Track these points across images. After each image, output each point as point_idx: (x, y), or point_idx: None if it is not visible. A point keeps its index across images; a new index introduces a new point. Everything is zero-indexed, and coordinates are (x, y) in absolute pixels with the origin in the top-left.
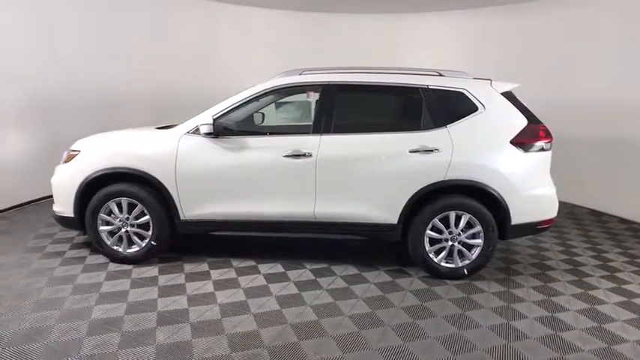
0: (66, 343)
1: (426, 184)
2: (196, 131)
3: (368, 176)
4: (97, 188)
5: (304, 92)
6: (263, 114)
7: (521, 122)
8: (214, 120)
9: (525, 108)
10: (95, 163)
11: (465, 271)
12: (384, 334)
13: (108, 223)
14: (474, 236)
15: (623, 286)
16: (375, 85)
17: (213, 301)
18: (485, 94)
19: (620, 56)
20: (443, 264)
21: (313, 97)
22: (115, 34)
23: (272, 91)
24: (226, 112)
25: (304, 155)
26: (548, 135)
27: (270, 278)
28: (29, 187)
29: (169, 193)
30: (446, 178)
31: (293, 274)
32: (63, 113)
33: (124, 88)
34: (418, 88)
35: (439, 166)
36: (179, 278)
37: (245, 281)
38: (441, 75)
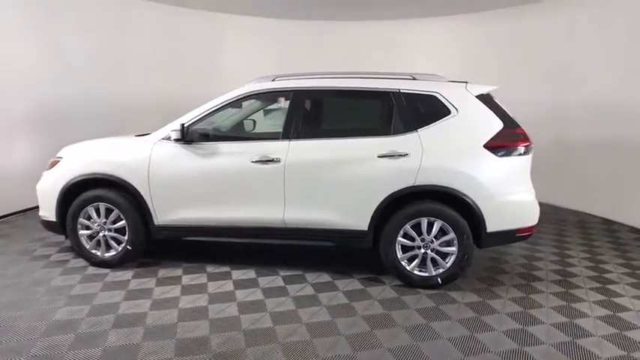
0: (21, 343)
1: (395, 190)
2: (169, 138)
3: (336, 182)
4: (77, 194)
5: (277, 98)
6: (254, 120)
7: (497, 126)
8: (184, 126)
9: (503, 111)
10: (75, 169)
11: (439, 280)
12: (336, 342)
13: (87, 228)
14: (448, 244)
15: (613, 299)
16: (345, 90)
17: (175, 305)
18: (459, 97)
19: (630, 57)
20: (416, 272)
21: (284, 103)
22: (125, 47)
23: (244, 97)
24: (199, 119)
25: (272, 161)
26: (525, 139)
27: (240, 284)
28: (34, 194)
29: (143, 198)
30: (416, 184)
31: (264, 280)
32: (72, 122)
33: (133, 97)
34: (389, 92)
35: (408, 171)
36: (150, 282)
37: (213, 287)
38: (414, 79)
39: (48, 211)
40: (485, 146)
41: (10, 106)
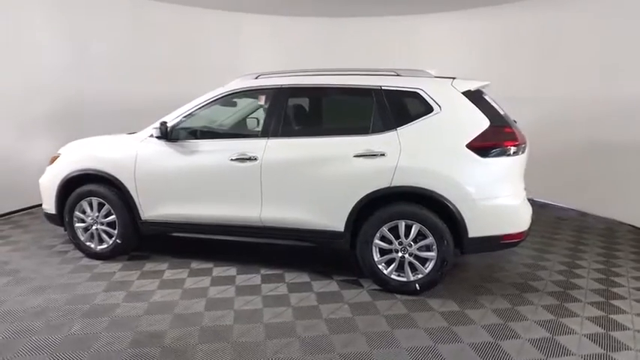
0: None
1: (371, 191)
2: (152, 136)
3: (312, 181)
4: (73, 188)
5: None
6: (257, 119)
7: (483, 124)
8: (163, 124)
9: (493, 108)
10: (70, 165)
11: (417, 286)
12: (289, 344)
13: (82, 221)
14: (427, 248)
15: (612, 316)
16: (326, 87)
17: (147, 299)
18: (443, 93)
19: None
20: (393, 277)
21: (266, 101)
22: (142, 47)
23: (226, 95)
24: (182, 117)
25: (250, 159)
26: (514, 138)
27: (217, 281)
28: None
29: (130, 194)
30: (392, 185)
31: (241, 278)
32: (91, 120)
33: (149, 97)
34: (370, 89)
35: (384, 171)
36: (133, 275)
37: (191, 282)
38: (397, 75)
39: (49, 204)
40: (469, 146)
41: (35, 105)
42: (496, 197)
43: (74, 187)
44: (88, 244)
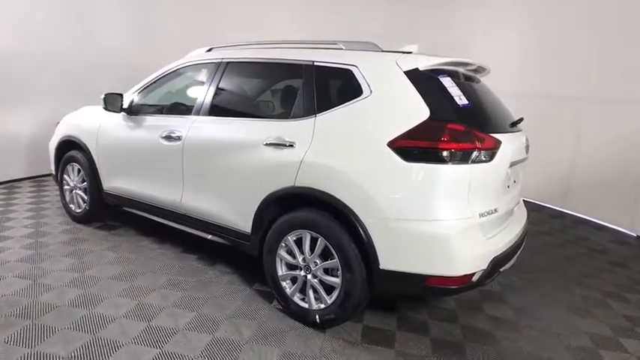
0: None
1: (274, 190)
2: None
3: (224, 169)
4: (65, 152)
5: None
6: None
7: (419, 116)
8: (106, 95)
9: (447, 96)
10: (61, 131)
11: (317, 318)
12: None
13: (67, 184)
14: (332, 272)
15: None
16: (260, 62)
17: (75, 257)
18: (380, 72)
19: None
20: (296, 299)
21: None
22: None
23: (177, 69)
24: (140, 91)
25: (175, 138)
26: (458, 139)
27: (132, 261)
28: None
29: (95, 163)
30: (296, 184)
31: (177, 260)
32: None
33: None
34: (301, 64)
35: (290, 166)
36: (90, 240)
37: (121, 254)
38: (340, 48)
39: (52, 165)
40: (391, 144)
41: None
42: (420, 220)
43: (65, 151)
44: (70, 206)
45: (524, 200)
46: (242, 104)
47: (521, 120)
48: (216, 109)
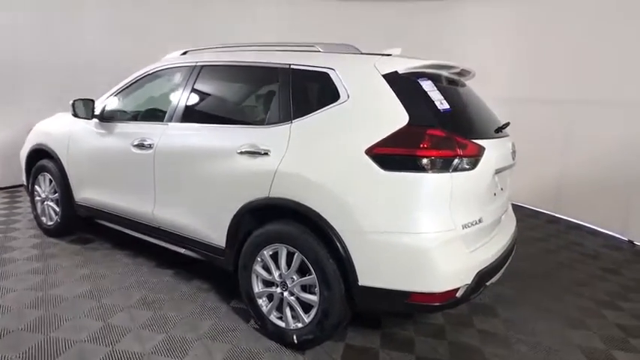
0: None
1: (248, 201)
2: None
3: (196, 179)
4: (36, 162)
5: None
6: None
7: (398, 122)
8: (74, 101)
9: (427, 101)
10: (32, 140)
11: (295, 338)
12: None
13: (39, 195)
14: (310, 289)
15: None
16: (235, 65)
17: (42, 273)
18: (357, 76)
19: None
20: (272, 318)
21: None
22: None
23: (150, 74)
24: (112, 96)
25: (147, 146)
26: (438, 146)
27: (123, 275)
28: None
29: (66, 173)
30: (271, 195)
31: (151, 275)
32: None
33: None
34: (277, 68)
35: (264, 175)
36: (60, 255)
37: (92, 266)
38: (318, 51)
39: (23, 176)
40: (369, 152)
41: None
42: (398, 232)
43: (36, 160)
44: (42, 218)
45: (519, 206)
46: (216, 110)
47: (507, 125)
48: (190, 116)
